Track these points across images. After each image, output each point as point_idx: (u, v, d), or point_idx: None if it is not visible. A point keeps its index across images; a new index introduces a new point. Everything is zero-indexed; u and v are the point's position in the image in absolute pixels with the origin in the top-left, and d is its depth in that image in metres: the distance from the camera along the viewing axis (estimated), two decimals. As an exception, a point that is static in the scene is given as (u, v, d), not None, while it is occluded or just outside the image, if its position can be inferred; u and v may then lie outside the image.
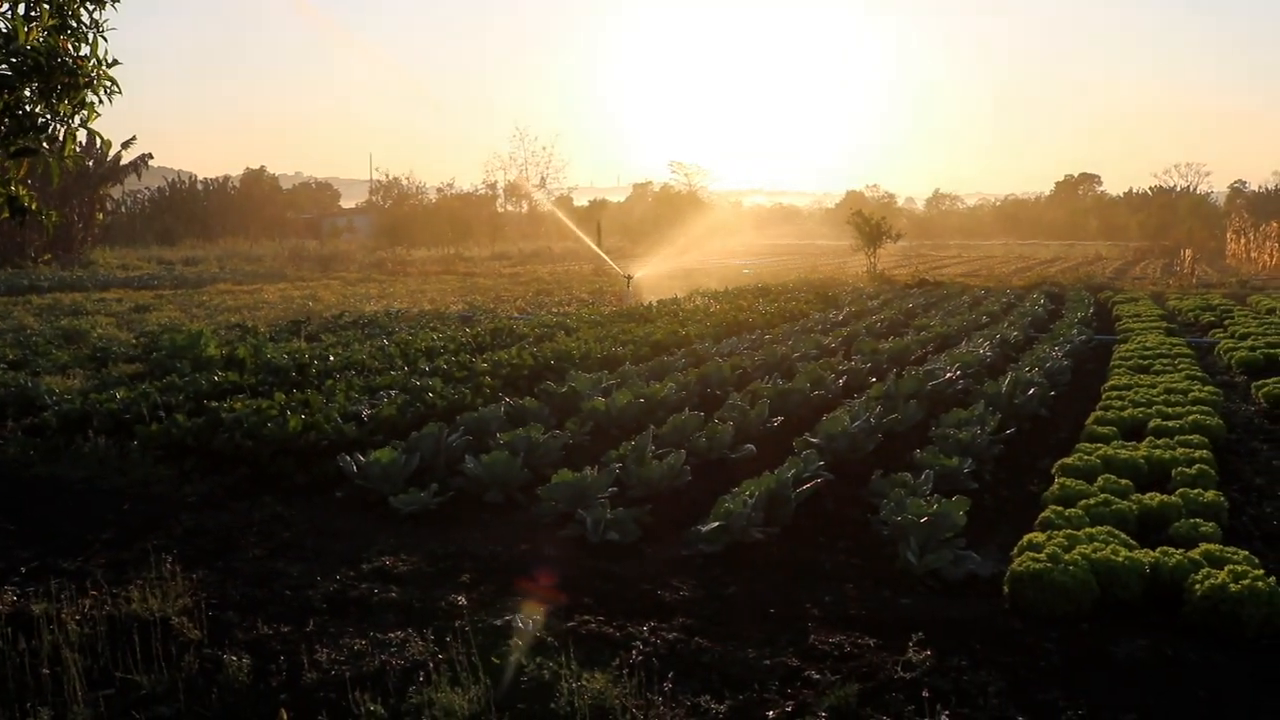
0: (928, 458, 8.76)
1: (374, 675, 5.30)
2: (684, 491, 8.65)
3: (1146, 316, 23.32)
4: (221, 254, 51.86)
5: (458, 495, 8.61)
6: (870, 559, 7.23)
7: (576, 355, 14.71)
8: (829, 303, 26.07)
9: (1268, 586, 6.00)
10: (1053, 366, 14.03)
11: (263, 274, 39.61)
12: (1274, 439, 11.42)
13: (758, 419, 10.37)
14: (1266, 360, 16.50)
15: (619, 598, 6.50)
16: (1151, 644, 5.79)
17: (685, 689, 5.21)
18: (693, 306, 23.03)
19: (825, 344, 16.92)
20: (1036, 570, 6.24)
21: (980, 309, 25.09)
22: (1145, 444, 9.81)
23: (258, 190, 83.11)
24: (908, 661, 5.44)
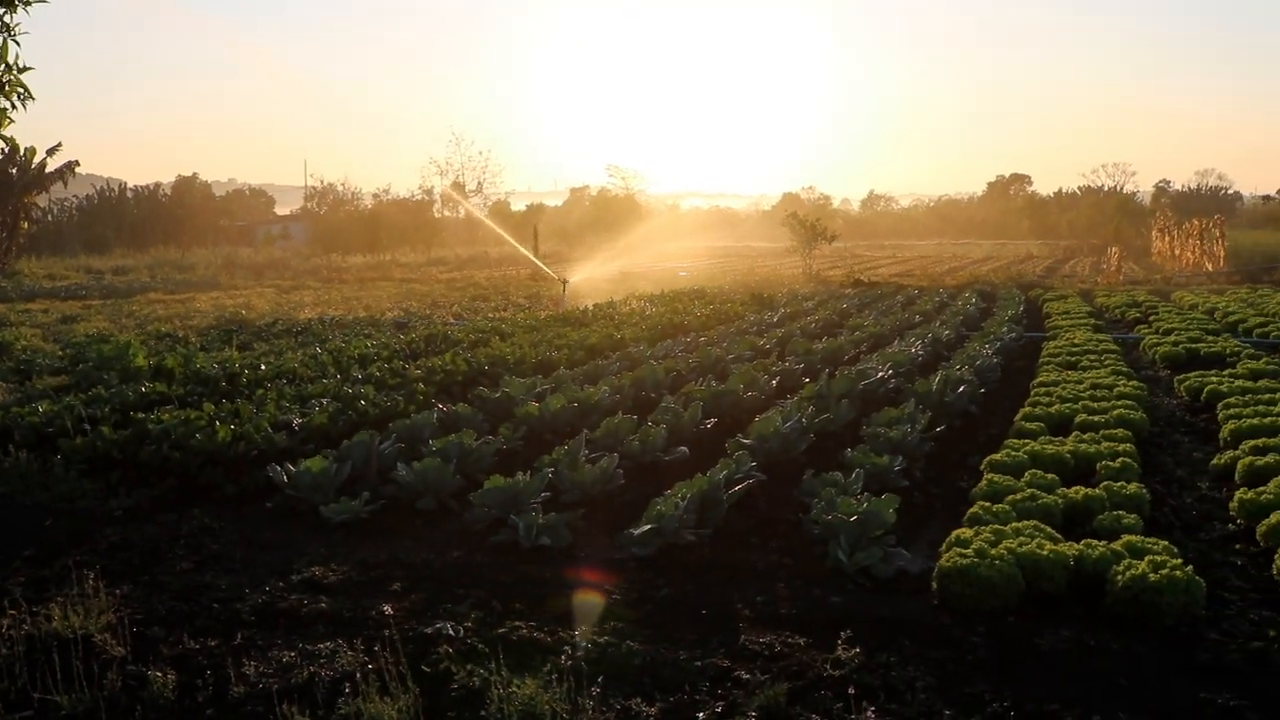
0: (859, 457, 8.84)
1: (303, 687, 5.24)
2: (617, 495, 8.67)
3: (1075, 314, 23.74)
4: (152, 263, 50.96)
5: (390, 503, 8.55)
6: (801, 558, 7.28)
7: (511, 360, 14.67)
8: (764, 305, 26.23)
9: (1185, 575, 6.13)
10: (983, 364, 14.23)
11: (195, 283, 38.99)
12: (1195, 431, 11.68)
13: (691, 421, 10.41)
14: (1189, 355, 16.88)
15: (551, 602, 6.49)
16: (1075, 635, 5.90)
17: (616, 692, 5.21)
18: (629, 310, 23.06)
19: (760, 345, 17.02)
20: (963, 566, 6.33)
21: (914, 308, 25.40)
22: (1072, 439, 9.99)
23: (190, 197, 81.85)
24: (837, 659, 5.49)
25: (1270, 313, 23.83)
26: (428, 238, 71.97)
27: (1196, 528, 8.13)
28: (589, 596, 6.58)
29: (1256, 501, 7.96)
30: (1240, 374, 14.12)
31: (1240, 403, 11.86)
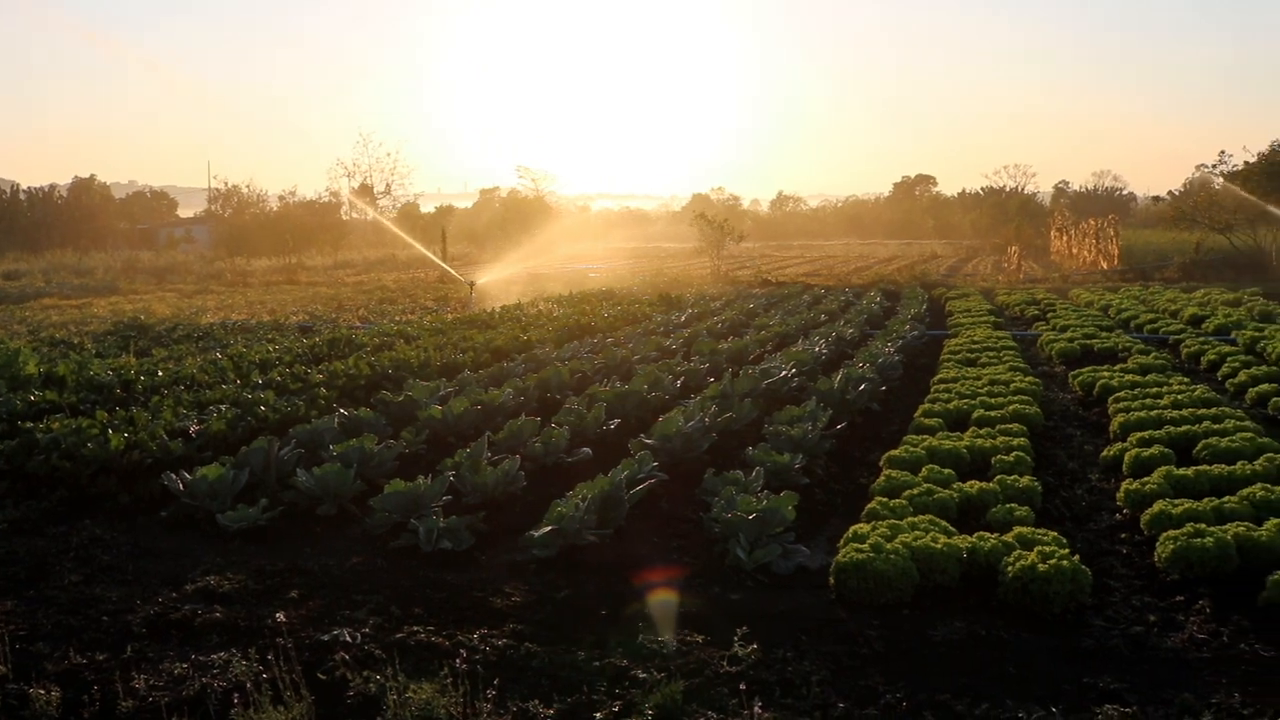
0: (760, 455, 8.93)
1: (194, 699, 5.15)
2: (519, 497, 8.65)
3: (976, 312, 24.22)
4: (48, 267, 49.42)
5: (289, 510, 8.44)
6: (701, 556, 7.34)
7: (415, 363, 14.55)
8: (672, 305, 26.35)
9: (1072, 565, 6.31)
10: (885, 362, 14.46)
11: (93, 287, 37.97)
12: (1087, 424, 12.00)
13: (594, 422, 10.42)
14: (1083, 350, 17.34)
15: (451, 606, 6.47)
16: (968, 625, 6.04)
17: (514, 694, 5.21)
18: (536, 312, 23.00)
19: (666, 346, 17.09)
20: (859, 560, 6.43)
21: (819, 308, 25.71)
22: (969, 434, 10.20)
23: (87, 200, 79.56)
24: (734, 656, 5.55)
25: (1160, 309, 24.59)
26: (335, 240, 70.86)
27: (1086, 518, 8.37)
28: (489, 599, 6.57)
29: (1141, 492, 8.22)
30: (1131, 369, 14.54)
31: (1130, 396, 12.22)
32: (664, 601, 6.49)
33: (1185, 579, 6.71)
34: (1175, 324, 21.35)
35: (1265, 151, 40.85)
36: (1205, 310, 23.11)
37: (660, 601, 6.48)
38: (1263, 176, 39.46)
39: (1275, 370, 14.71)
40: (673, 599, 6.54)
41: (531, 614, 6.33)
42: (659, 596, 6.56)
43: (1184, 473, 8.56)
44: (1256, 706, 4.98)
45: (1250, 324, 20.24)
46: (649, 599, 6.54)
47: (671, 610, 6.35)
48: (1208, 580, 6.65)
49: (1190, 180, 48.29)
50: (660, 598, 6.54)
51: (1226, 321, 20.96)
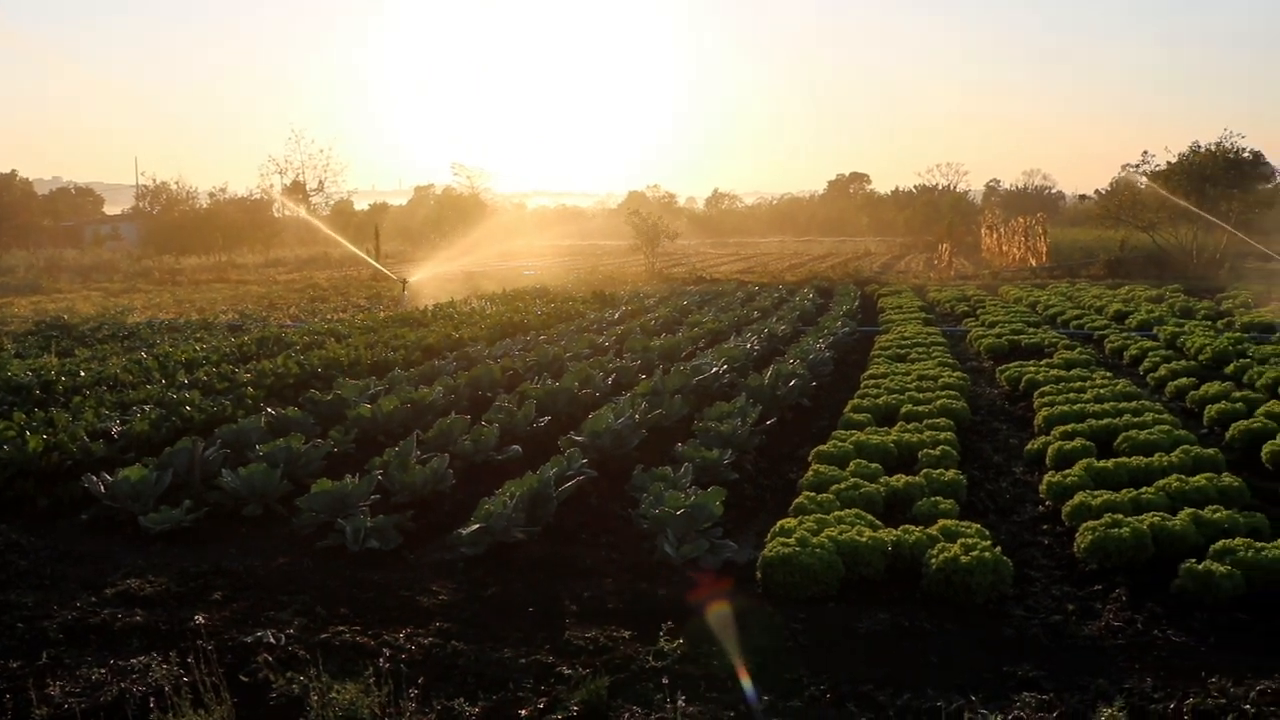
0: (689, 451, 8.97)
1: (111, 705, 5.06)
2: (448, 495, 8.61)
3: (907, 308, 24.51)
4: (-35, 266, 48.31)
5: (214, 511, 8.32)
6: (630, 553, 7.36)
7: (345, 362, 14.42)
8: (606, 302, 26.35)
9: (994, 556, 6.41)
10: (815, 358, 14.58)
11: (14, 286, 37.10)
12: (1013, 418, 12.19)
13: (525, 419, 10.40)
14: (1010, 346, 17.61)
15: (377, 605, 6.42)
16: (892, 617, 6.12)
17: (440, 693, 5.19)
18: (469, 309, 22.89)
19: (599, 343, 17.10)
20: (786, 554, 6.48)
21: (753, 305, 25.85)
22: (897, 429, 10.32)
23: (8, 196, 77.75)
24: (660, 651, 5.57)
25: (1086, 305, 25.07)
26: (267, 238, 69.97)
27: (1010, 510, 8.51)
28: (416, 598, 6.53)
29: (1063, 484, 8.37)
30: (1056, 363, 14.81)
31: (1054, 391, 12.43)
32: (592, 597, 6.49)
33: (1103, 568, 6.85)
34: (1100, 320, 21.78)
35: (1185, 152, 41.75)
36: (1129, 306, 23.61)
37: (588, 598, 6.49)
38: (1183, 177, 40.34)
39: (1194, 365, 15.07)
40: (600, 595, 6.55)
41: (458, 612, 6.30)
42: (586, 592, 6.57)
43: (1104, 465, 8.74)
44: (1166, 690, 5.10)
45: (1171, 320, 20.71)
46: (577, 595, 6.54)
47: (599, 606, 6.36)
48: (1125, 569, 6.80)
49: (1116, 180, 49.16)
50: (587, 594, 6.55)
51: (1149, 317, 21.43)
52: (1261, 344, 16.59)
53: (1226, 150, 40.89)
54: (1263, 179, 42.08)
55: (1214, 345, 16.13)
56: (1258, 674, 5.25)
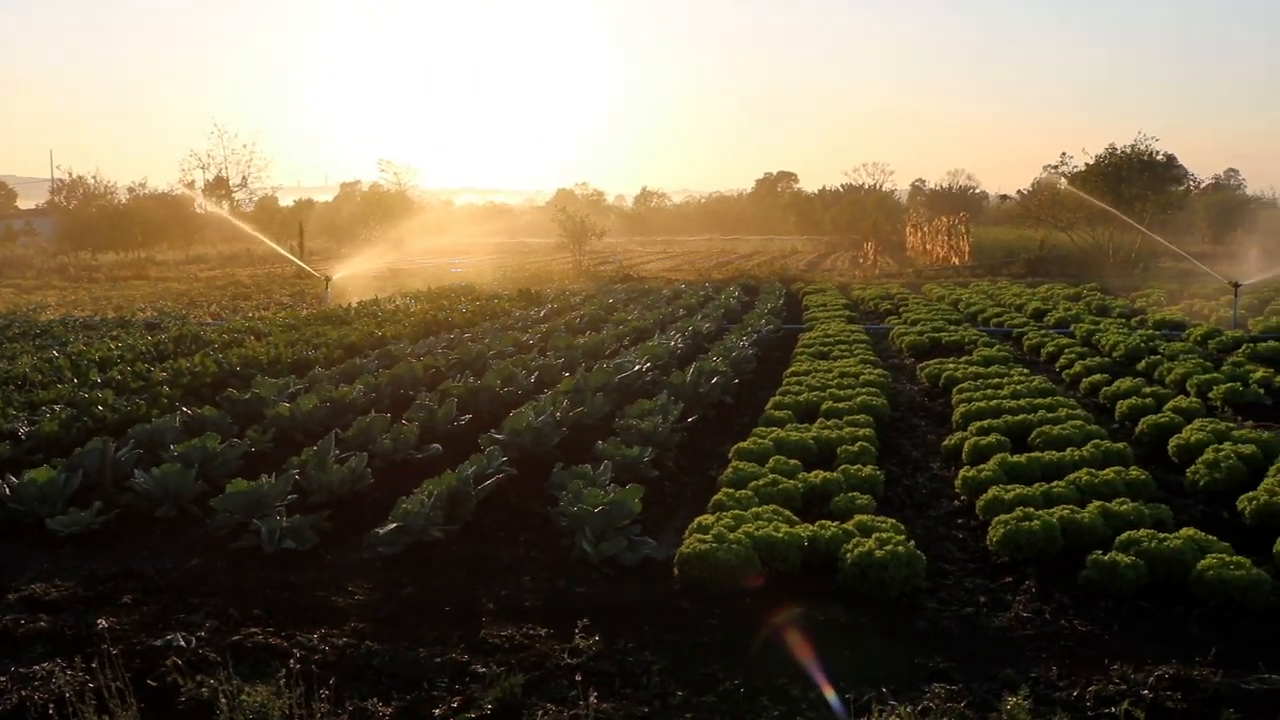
0: (609, 449, 8.97)
1: (11, 714, 4.94)
2: (367, 494, 8.53)
3: (832, 306, 24.73)
4: None
5: (126, 512, 8.17)
6: (549, 550, 7.35)
7: (265, 360, 14.22)
8: (532, 300, 26.27)
9: (907, 550, 6.50)
10: (739, 356, 14.66)
11: (-80, 284, 36.10)
12: (932, 415, 12.37)
13: (445, 418, 10.34)
14: (931, 343, 17.86)
15: (292, 606, 6.34)
16: (807, 611, 6.17)
17: (353, 693, 5.14)
18: (393, 307, 22.70)
19: (523, 341, 17.05)
20: (702, 550, 6.52)
21: (679, 302, 25.93)
22: (817, 425, 10.41)
23: (-85, 191, 75.57)
24: (575, 648, 5.57)
25: (1007, 303, 25.52)
26: (188, 234, 68.65)
27: (926, 505, 8.64)
28: (332, 598, 6.47)
29: (977, 478, 8.51)
30: (975, 360, 15.05)
31: (972, 387, 12.63)
32: (508, 595, 6.48)
33: (1014, 560, 6.98)
34: (1020, 318, 22.18)
35: (1102, 154, 42.70)
36: (1047, 305, 24.08)
37: (505, 596, 6.47)
38: (1099, 178, 41.30)
39: (1108, 361, 15.43)
40: (517, 593, 6.53)
41: (374, 612, 6.25)
42: (503, 591, 6.55)
43: (1017, 459, 8.90)
44: (1072, 679, 5.21)
45: (1088, 318, 21.17)
46: (494, 593, 6.52)
47: (517, 604, 6.34)
48: (1035, 561, 6.93)
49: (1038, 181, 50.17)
50: (504, 592, 6.53)
51: (1066, 315, 21.88)
52: (1172, 341, 17.02)
53: (1141, 153, 41.92)
54: (1175, 181, 43.17)
55: (1127, 342, 16.51)
56: (1157, 660, 5.39)
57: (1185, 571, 6.41)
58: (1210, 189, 67.78)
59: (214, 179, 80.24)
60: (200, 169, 79.80)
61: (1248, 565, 6.28)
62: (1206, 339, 17.62)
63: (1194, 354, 15.26)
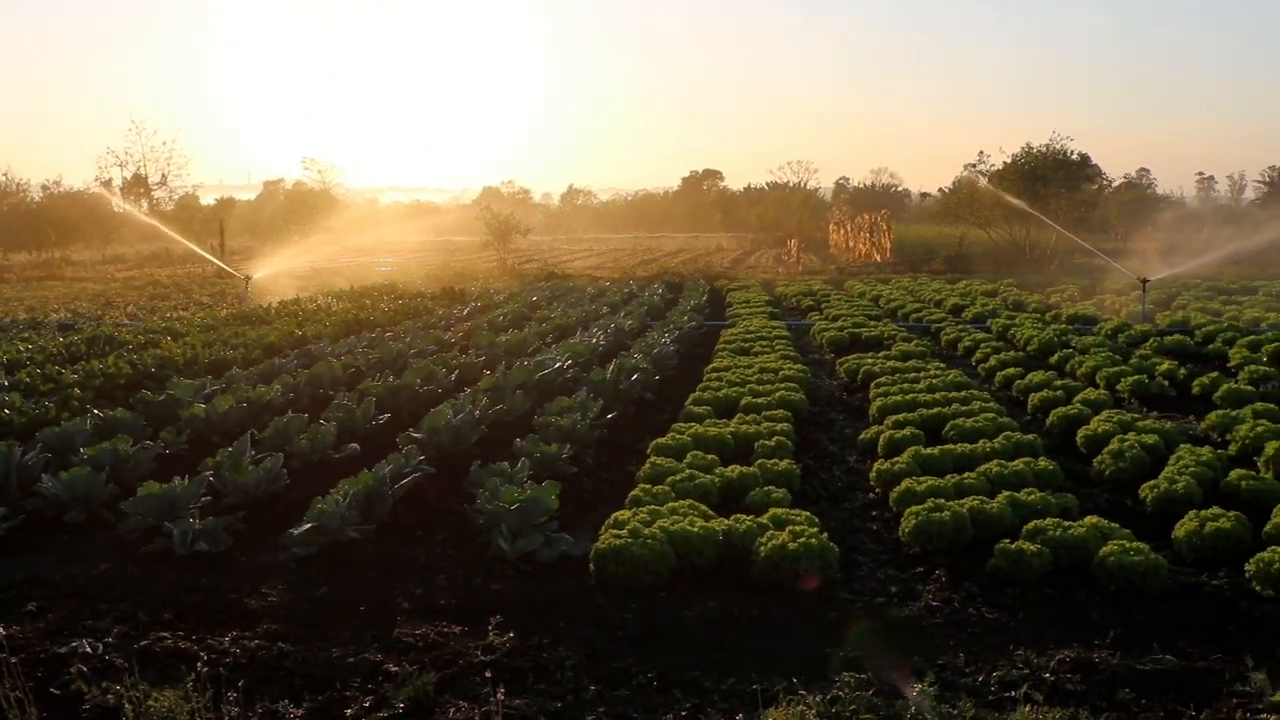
0: (528, 446, 8.97)
1: (-95, 725, 4.83)
2: (283, 495, 8.45)
3: (755, 303, 24.93)
4: None
5: (33, 517, 7.99)
6: (466, 549, 7.34)
7: (181, 361, 14.00)
8: (456, 299, 26.13)
9: (820, 543, 6.60)
10: (660, 352, 14.73)
11: None
12: (850, 409, 12.54)
13: (364, 417, 10.27)
14: (851, 339, 18.10)
15: (204, 609, 6.26)
16: (721, 604, 6.23)
17: (264, 695, 5.09)
18: (315, 307, 22.46)
19: (446, 339, 16.97)
20: (618, 546, 6.55)
21: (602, 300, 25.96)
22: (735, 420, 10.50)
23: None
24: (489, 645, 5.57)
25: (926, 299, 25.93)
26: (105, 234, 67.16)
27: (842, 498, 8.76)
28: (245, 600, 6.40)
29: (891, 471, 8.65)
30: (894, 355, 15.29)
31: (890, 382, 12.83)
32: (423, 594, 6.46)
33: (926, 551, 7.11)
34: (939, 313, 22.53)
35: (1018, 153, 43.54)
36: (966, 300, 24.49)
37: (421, 595, 6.46)
38: (1016, 177, 42.11)
39: (1022, 355, 15.75)
40: (433, 591, 6.52)
41: (288, 613, 6.20)
42: (418, 589, 6.54)
43: (930, 452, 9.06)
44: (978, 664, 5.33)
45: (1004, 313, 21.58)
46: (410, 592, 6.50)
47: (432, 602, 6.33)
48: (946, 551, 7.07)
49: (958, 179, 51.01)
50: (420, 590, 6.52)
51: (983, 310, 22.30)
52: (1084, 335, 17.44)
53: (1056, 152, 42.79)
54: (1088, 180, 44.14)
55: (1041, 337, 16.87)
56: (1059, 644, 5.53)
57: (1088, 558, 6.59)
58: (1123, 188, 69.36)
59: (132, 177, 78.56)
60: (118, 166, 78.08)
61: (1146, 551, 6.47)
62: (1116, 333, 18.05)
63: (1104, 348, 15.63)
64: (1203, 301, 24.03)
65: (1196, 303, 23.68)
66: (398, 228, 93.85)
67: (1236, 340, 16.34)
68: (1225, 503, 7.70)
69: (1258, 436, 9.43)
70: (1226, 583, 6.50)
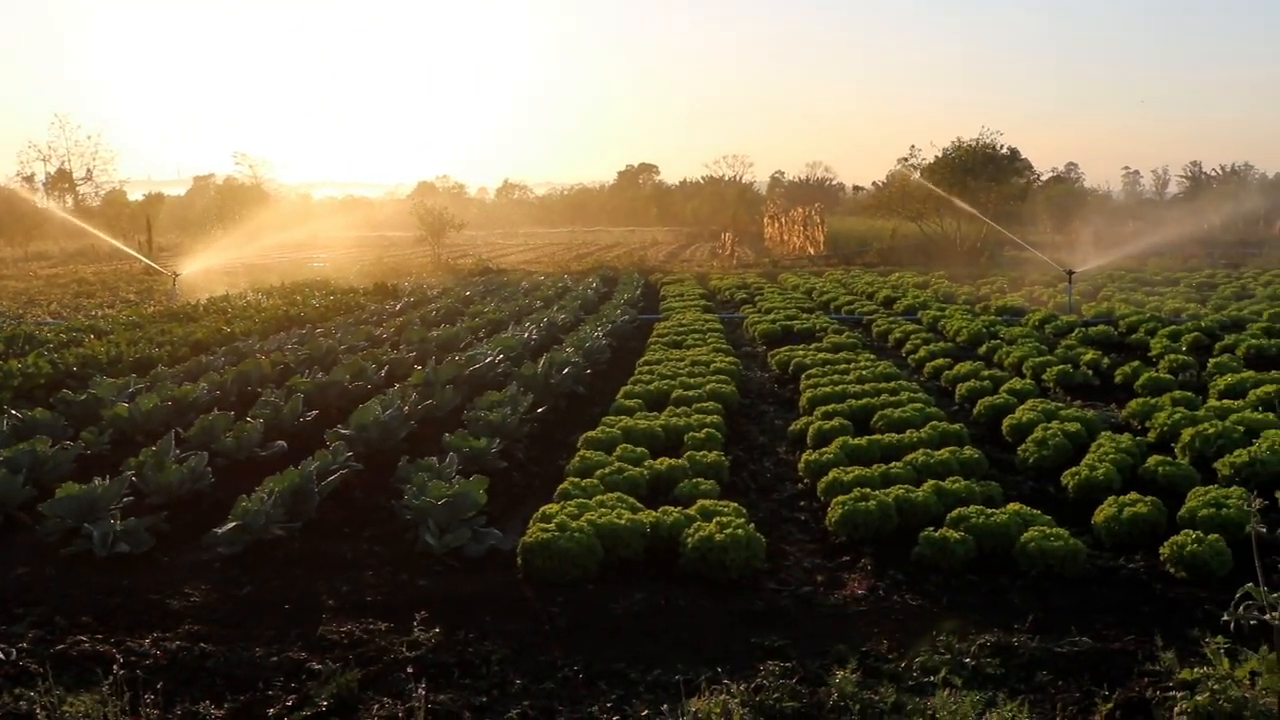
0: (456, 441, 8.93)
1: None
2: (208, 494, 8.33)
3: (689, 296, 25.01)
4: None
5: (-54, 521, 7.80)
6: (393, 545, 7.29)
7: (105, 360, 13.74)
8: (389, 294, 25.92)
9: (747, 533, 6.63)
10: (592, 346, 14.72)
11: None
12: (781, 401, 12.62)
13: (292, 414, 10.15)
14: (784, 331, 18.21)
15: (124, 611, 6.16)
16: (649, 596, 6.25)
17: (184, 697, 5.02)
18: (244, 303, 22.17)
19: (377, 335, 16.83)
20: (545, 539, 6.54)
21: (536, 294, 25.90)
22: (666, 413, 10.53)
23: None
24: (415, 641, 5.54)
25: (859, 291, 26.18)
26: (28, 230, 65.65)
27: (771, 489, 8.81)
28: (167, 601, 6.30)
29: (819, 461, 8.72)
30: (825, 347, 15.41)
31: (820, 373, 12.93)
32: (351, 591, 6.41)
33: (852, 540, 7.17)
34: (871, 305, 22.77)
35: (948, 147, 44.11)
36: (897, 292, 24.76)
37: (347, 592, 6.40)
38: (946, 170, 42.64)
39: (951, 346, 15.95)
40: (359, 588, 6.47)
41: (211, 613, 6.11)
42: (345, 587, 6.48)
43: (858, 442, 9.15)
44: (901, 651, 5.40)
45: (934, 304, 21.85)
46: (336, 590, 6.44)
47: (358, 599, 6.28)
48: (872, 540, 7.14)
49: (892, 173, 51.53)
50: (346, 588, 6.46)
51: (914, 302, 22.54)
52: (1012, 326, 17.71)
53: (985, 146, 43.39)
54: (1017, 174, 44.82)
55: (969, 328, 17.11)
56: (980, 629, 5.61)
57: (1011, 544, 6.68)
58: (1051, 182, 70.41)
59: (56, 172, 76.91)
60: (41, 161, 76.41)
61: (1066, 536, 6.58)
62: (1043, 324, 18.36)
63: (1031, 338, 15.91)
64: (1127, 293, 24.52)
65: (1121, 294, 24.16)
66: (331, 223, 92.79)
67: (1158, 330, 16.72)
68: (1143, 488, 7.87)
69: (1175, 423, 9.64)
70: (1143, 565, 6.64)
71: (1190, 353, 14.81)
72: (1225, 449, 8.79)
